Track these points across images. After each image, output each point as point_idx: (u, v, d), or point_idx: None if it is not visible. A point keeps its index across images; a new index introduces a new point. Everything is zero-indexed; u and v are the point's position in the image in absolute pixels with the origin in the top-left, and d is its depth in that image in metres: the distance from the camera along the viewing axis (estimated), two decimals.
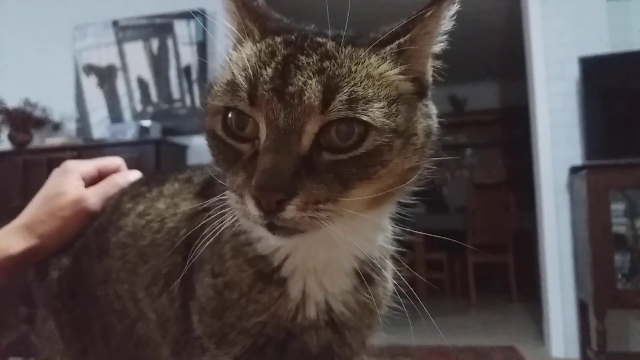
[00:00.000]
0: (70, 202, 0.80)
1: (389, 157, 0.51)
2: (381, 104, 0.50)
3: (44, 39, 3.86)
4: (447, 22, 0.54)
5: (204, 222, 0.63)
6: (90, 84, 3.74)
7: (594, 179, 2.61)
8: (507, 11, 4.37)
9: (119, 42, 3.70)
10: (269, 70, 0.50)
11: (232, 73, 0.52)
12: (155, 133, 3.36)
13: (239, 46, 0.56)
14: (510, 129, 6.33)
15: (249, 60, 0.52)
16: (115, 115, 3.67)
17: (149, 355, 0.71)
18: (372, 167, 0.50)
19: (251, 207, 0.48)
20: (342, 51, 0.52)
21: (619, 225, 2.71)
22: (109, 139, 3.41)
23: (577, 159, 2.97)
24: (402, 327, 0.70)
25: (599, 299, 2.58)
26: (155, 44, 3.62)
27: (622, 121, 2.83)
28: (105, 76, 3.70)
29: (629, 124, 2.82)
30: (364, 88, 0.50)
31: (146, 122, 3.37)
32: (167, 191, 0.75)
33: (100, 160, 0.90)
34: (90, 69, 3.74)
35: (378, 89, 0.51)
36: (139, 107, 3.64)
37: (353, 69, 0.50)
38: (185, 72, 3.55)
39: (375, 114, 0.49)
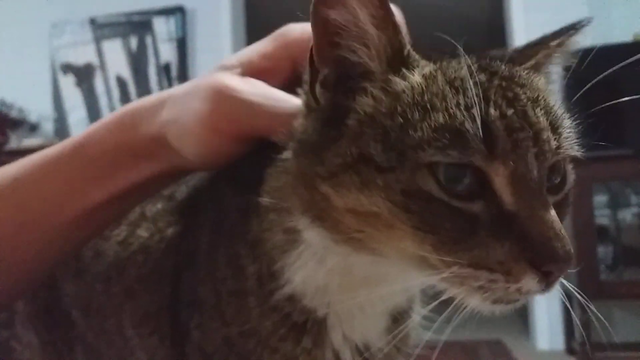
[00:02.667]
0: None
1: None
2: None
3: (19, 37, 3.76)
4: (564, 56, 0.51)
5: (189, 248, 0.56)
6: (67, 83, 3.66)
7: (578, 172, 2.60)
8: (490, 6, 4.39)
9: (97, 40, 3.62)
10: (509, 112, 0.39)
11: (448, 114, 0.39)
12: None
13: (407, 73, 0.43)
14: None
15: (458, 95, 0.40)
16: (94, 115, 3.60)
17: None
18: (570, 202, 0.46)
19: (531, 284, 0.38)
20: (523, 76, 0.45)
21: (602, 217, 2.73)
22: None
23: None
24: None
25: (583, 291, 2.59)
26: (134, 41, 3.55)
27: (604, 114, 2.85)
28: (83, 75, 3.63)
29: (610, 116, 2.84)
30: (567, 119, 0.44)
31: None
32: (149, 212, 0.65)
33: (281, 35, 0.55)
34: (67, 67, 3.66)
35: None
36: (118, 105, 3.57)
37: (547, 97, 0.44)
38: (165, 69, 3.49)
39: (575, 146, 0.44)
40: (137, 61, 3.55)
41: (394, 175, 0.40)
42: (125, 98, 3.57)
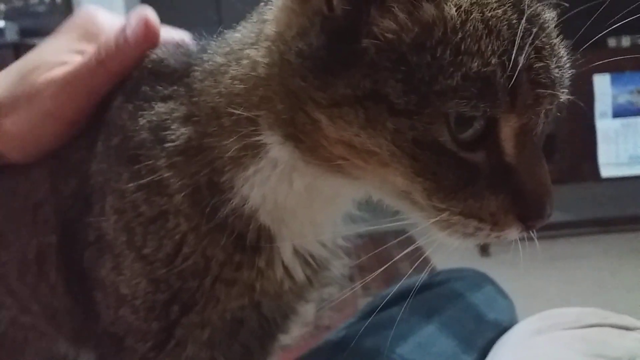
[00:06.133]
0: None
1: None
2: None
3: None
4: None
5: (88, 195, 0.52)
6: None
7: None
8: None
9: None
10: (536, 64, 0.39)
11: (481, 61, 0.37)
12: (12, 35, 3.10)
13: (442, 1, 0.39)
14: None
15: (491, 38, 0.37)
16: None
17: (44, 349, 0.62)
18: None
19: (513, 233, 0.42)
20: (544, 16, 0.42)
21: None
22: None
23: None
24: None
25: None
26: None
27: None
28: None
29: None
30: (568, 62, 0.43)
31: None
32: None
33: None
34: None
35: None
36: None
37: (559, 42, 0.43)
38: None
39: None
40: None
41: (409, 121, 0.39)
42: None
